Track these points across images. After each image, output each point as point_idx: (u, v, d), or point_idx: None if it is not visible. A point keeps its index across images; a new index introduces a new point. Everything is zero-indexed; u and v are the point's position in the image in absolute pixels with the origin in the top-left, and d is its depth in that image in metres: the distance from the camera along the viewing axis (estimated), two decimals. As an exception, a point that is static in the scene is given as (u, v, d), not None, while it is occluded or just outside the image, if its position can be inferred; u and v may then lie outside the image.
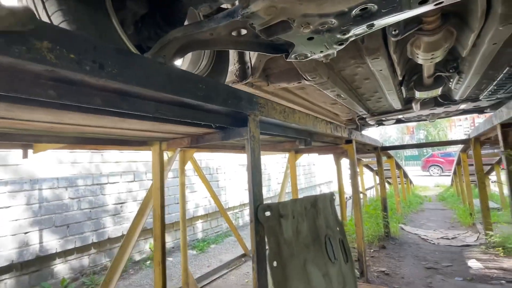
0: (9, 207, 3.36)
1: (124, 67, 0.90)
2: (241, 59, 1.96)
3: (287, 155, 4.77)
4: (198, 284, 4.01)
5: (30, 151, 2.31)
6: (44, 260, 3.66)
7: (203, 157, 6.51)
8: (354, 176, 3.55)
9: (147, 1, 1.37)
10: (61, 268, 3.83)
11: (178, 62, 1.91)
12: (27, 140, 1.75)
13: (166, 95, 1.07)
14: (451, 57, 2.08)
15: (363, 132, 4.90)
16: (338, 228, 2.32)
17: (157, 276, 2.01)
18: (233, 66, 1.97)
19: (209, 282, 4.19)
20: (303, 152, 4.46)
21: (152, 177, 2.18)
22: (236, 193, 7.33)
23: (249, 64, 1.92)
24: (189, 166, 4.11)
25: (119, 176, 4.62)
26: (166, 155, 3.28)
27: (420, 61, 1.78)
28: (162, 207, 2.10)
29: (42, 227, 3.65)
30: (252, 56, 1.91)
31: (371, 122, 4.30)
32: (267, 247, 1.51)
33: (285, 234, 1.63)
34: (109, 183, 4.47)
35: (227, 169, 7.11)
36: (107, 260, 4.37)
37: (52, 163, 3.85)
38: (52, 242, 3.72)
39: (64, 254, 3.87)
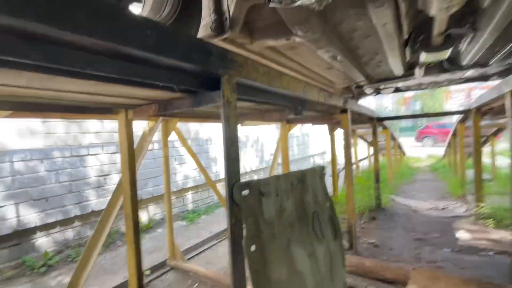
0: (-23, 180, 3.13)
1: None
2: (218, 9, 1.61)
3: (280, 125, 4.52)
4: (186, 256, 3.98)
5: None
6: (23, 234, 3.52)
7: (192, 128, 6.23)
8: (347, 147, 3.35)
9: None
10: (43, 241, 3.71)
11: (138, 9, 1.57)
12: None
13: (98, 42, 0.78)
14: (468, 9, 1.76)
15: (360, 101, 4.63)
16: (327, 204, 2.16)
17: (130, 257, 1.86)
18: (208, 18, 1.63)
19: (197, 253, 4.16)
20: (296, 122, 4.21)
21: (120, 150, 1.93)
22: (227, 164, 7.18)
23: (227, 14, 1.59)
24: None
25: (100, 147, 4.36)
26: (147, 125, 3.01)
27: (433, 11, 1.47)
28: (133, 183, 1.89)
29: (18, 200, 3.45)
30: (230, 5, 1.57)
31: (368, 91, 4.01)
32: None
33: (266, 214, 1.44)
34: (90, 155, 4.22)
35: (218, 139, 6.88)
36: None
37: (23, 134, 3.55)
38: (31, 216, 3.55)
39: (46, 227, 3.73)
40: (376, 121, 5.28)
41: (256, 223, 1.36)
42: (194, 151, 4.09)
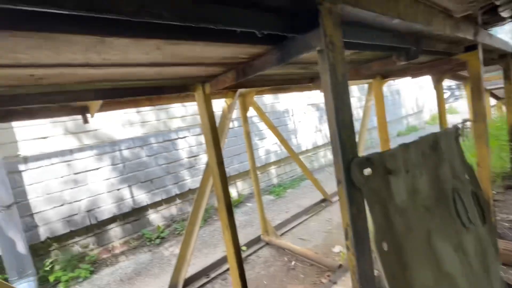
0: (98, 168, 3.68)
1: None
2: None
3: (364, 86, 3.78)
4: (278, 231, 3.90)
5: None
6: (139, 211, 4.06)
7: (268, 101, 5.99)
8: (478, 97, 2.46)
9: None
10: (154, 217, 4.23)
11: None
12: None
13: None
14: None
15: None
16: (467, 176, 1.56)
17: (228, 240, 1.76)
18: None
19: (289, 229, 4.05)
20: (393, 76, 3.41)
21: (202, 129, 1.78)
22: (307, 135, 6.77)
23: None
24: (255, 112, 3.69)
25: (187, 130, 4.58)
26: (225, 103, 2.90)
27: None
28: (220, 163, 1.73)
29: (130, 183, 3.96)
30: None
31: (506, 14, 2.82)
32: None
33: (397, 198, 1.03)
34: (179, 138, 4.49)
35: (295, 111, 6.47)
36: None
37: (125, 124, 3.97)
38: (142, 196, 4.05)
39: (154, 205, 4.23)
40: (511, 57, 3.85)
41: (385, 212, 0.98)
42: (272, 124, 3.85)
